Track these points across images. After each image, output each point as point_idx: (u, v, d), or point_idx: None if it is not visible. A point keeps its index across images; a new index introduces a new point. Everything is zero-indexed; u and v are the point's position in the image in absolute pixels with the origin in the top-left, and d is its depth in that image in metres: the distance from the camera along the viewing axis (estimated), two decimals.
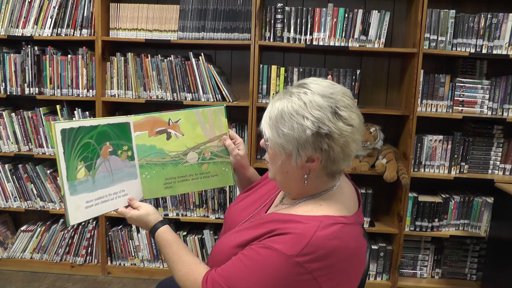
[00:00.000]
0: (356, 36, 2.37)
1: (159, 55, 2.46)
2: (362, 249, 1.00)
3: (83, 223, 2.67)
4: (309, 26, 2.38)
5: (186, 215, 2.57)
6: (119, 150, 1.21)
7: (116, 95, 2.51)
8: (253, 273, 0.91)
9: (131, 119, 1.24)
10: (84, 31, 2.46)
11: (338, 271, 0.91)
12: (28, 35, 2.48)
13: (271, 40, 2.41)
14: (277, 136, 0.96)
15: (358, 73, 2.42)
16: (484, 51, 2.34)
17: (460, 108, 2.43)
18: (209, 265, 1.05)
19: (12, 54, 2.51)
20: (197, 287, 0.99)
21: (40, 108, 2.54)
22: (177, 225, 2.68)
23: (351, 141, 0.95)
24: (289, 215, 1.00)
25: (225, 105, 1.30)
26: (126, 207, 1.21)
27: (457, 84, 2.42)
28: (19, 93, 2.53)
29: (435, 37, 2.34)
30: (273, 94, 1.14)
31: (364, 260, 1.03)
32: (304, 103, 0.94)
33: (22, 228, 2.71)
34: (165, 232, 1.13)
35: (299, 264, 0.88)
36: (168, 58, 2.45)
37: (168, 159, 1.27)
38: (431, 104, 2.43)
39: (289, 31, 2.40)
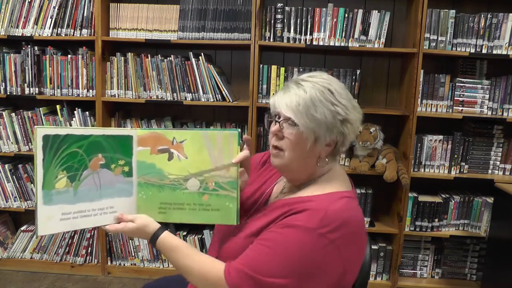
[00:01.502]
0: (356, 36, 2.37)
1: (159, 55, 2.46)
2: (363, 221, 1.08)
3: None
4: (309, 26, 2.38)
5: None
6: (113, 164, 1.11)
7: (116, 95, 2.51)
8: (278, 254, 0.95)
9: (135, 132, 1.14)
10: (84, 31, 2.46)
11: (352, 240, 0.99)
12: (28, 35, 2.48)
13: (271, 40, 2.41)
14: (309, 121, 1.02)
15: (358, 73, 2.42)
16: (484, 51, 2.34)
17: (460, 108, 2.43)
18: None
19: (12, 54, 2.51)
20: (220, 282, 0.97)
21: (40, 108, 2.54)
22: (177, 225, 2.68)
23: (357, 128, 1.09)
24: (298, 197, 1.06)
25: (239, 131, 1.11)
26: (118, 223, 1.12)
27: (457, 84, 2.42)
28: (19, 93, 2.53)
29: (435, 37, 2.34)
30: (273, 94, 1.12)
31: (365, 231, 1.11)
32: (330, 92, 1.04)
33: (22, 228, 2.71)
34: (168, 237, 1.08)
35: (322, 235, 0.94)
36: (168, 58, 2.45)
37: (166, 181, 1.13)
38: (431, 104, 2.43)
39: (289, 31, 2.40)
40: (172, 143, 1.13)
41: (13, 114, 2.56)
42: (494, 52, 2.34)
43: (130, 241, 2.64)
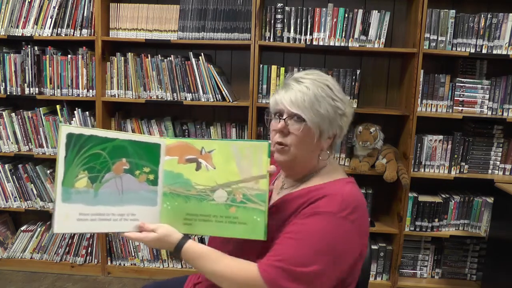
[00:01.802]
0: (356, 36, 2.37)
1: (159, 55, 2.46)
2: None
3: None
4: (309, 26, 2.38)
5: None
6: (137, 170, 1.09)
7: (116, 95, 2.51)
8: (307, 243, 0.98)
9: (164, 141, 1.12)
10: (84, 31, 2.46)
11: (365, 221, 1.08)
12: (28, 35, 2.48)
13: (271, 40, 2.41)
14: (314, 116, 1.07)
15: (358, 73, 2.42)
16: (484, 51, 2.34)
17: (460, 108, 2.43)
18: None
19: (12, 54, 2.51)
20: (257, 281, 0.98)
21: (40, 108, 2.54)
22: None
23: (350, 122, 1.17)
24: (308, 188, 1.11)
25: (269, 142, 1.07)
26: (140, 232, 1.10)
27: (457, 84, 2.42)
28: (19, 93, 2.53)
29: (435, 37, 2.34)
30: (273, 93, 1.12)
31: None
32: (329, 88, 1.10)
33: (22, 228, 2.71)
34: (193, 245, 1.06)
35: (344, 218, 1.00)
36: (168, 58, 2.45)
37: (193, 192, 1.10)
38: (431, 104, 2.43)
39: (289, 31, 2.40)
40: (201, 152, 1.11)
41: (13, 114, 2.56)
42: (494, 52, 2.34)
43: (130, 241, 2.64)
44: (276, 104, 1.13)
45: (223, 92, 2.43)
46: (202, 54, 2.42)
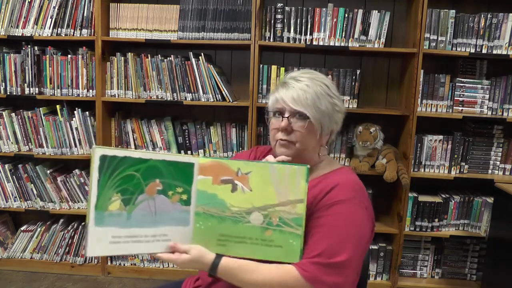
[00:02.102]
0: (356, 36, 2.37)
1: (159, 55, 2.46)
2: None
3: (83, 223, 2.67)
4: (309, 26, 2.38)
5: None
6: (170, 190, 1.07)
7: (116, 95, 2.51)
8: (336, 232, 1.04)
9: (198, 160, 1.11)
10: (84, 31, 2.46)
11: (371, 207, 1.14)
12: (28, 35, 2.48)
13: (271, 40, 2.41)
14: (316, 113, 1.12)
15: (358, 73, 2.42)
16: (484, 51, 2.34)
17: (460, 108, 2.43)
18: None
19: (12, 54, 2.51)
20: (299, 282, 1.01)
21: (40, 108, 2.54)
22: None
23: (343, 118, 1.23)
24: (314, 179, 1.16)
25: (307, 166, 1.07)
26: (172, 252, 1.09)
27: (457, 84, 2.42)
28: (19, 93, 2.53)
29: (435, 37, 2.34)
30: (271, 92, 1.13)
31: None
32: (327, 86, 1.16)
33: (22, 228, 2.71)
34: (228, 261, 1.06)
35: (360, 201, 1.09)
36: (168, 58, 2.45)
37: (228, 213, 1.08)
38: (431, 104, 2.43)
39: (289, 31, 2.40)
40: (237, 174, 1.09)
41: (13, 114, 2.56)
42: (494, 52, 2.34)
43: None
44: (276, 103, 1.16)
45: (223, 92, 2.43)
46: (202, 54, 2.42)
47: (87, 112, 2.53)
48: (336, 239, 1.03)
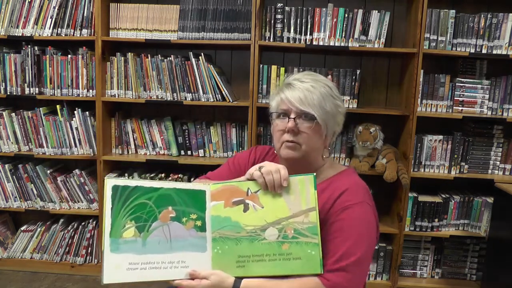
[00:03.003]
0: (356, 36, 2.37)
1: (159, 55, 2.46)
2: None
3: (83, 223, 2.67)
4: (309, 26, 2.38)
5: None
6: (184, 217, 1.10)
7: (116, 95, 2.51)
8: (351, 236, 1.06)
9: (209, 187, 1.13)
10: (84, 31, 2.46)
11: (375, 208, 1.17)
12: (28, 35, 2.48)
13: (271, 40, 2.41)
14: (323, 113, 1.13)
15: (358, 73, 2.42)
16: (484, 51, 2.34)
17: (460, 108, 2.43)
18: None
19: (12, 54, 2.51)
20: None
21: (40, 108, 2.54)
22: None
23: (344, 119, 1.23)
24: (324, 182, 1.18)
25: (314, 174, 1.10)
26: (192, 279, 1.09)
27: (457, 84, 2.42)
28: (19, 93, 2.53)
29: (435, 37, 2.34)
30: (272, 93, 1.11)
31: None
32: (329, 88, 1.17)
33: (22, 228, 2.71)
34: (248, 283, 1.07)
35: (368, 204, 1.13)
36: (168, 58, 2.45)
37: (243, 233, 1.09)
38: (431, 104, 2.43)
39: (289, 31, 2.40)
40: (247, 194, 1.11)
41: (13, 114, 2.56)
42: (494, 52, 2.34)
43: None
44: (281, 103, 1.16)
45: (223, 92, 2.43)
46: (202, 54, 2.42)
47: (87, 112, 2.53)
48: (352, 242, 1.06)
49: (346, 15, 2.35)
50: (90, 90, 2.50)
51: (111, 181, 1.06)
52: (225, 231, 1.10)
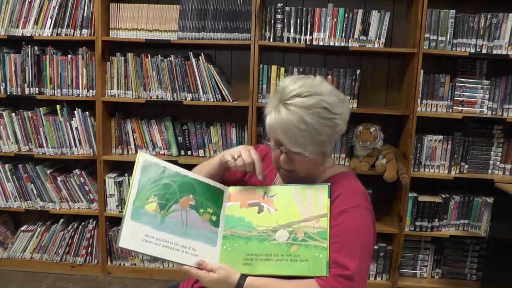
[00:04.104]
0: (356, 36, 2.37)
1: (159, 55, 2.46)
2: None
3: (83, 223, 2.67)
4: (309, 26, 2.38)
5: None
6: (202, 208, 1.15)
7: (116, 95, 2.51)
8: (349, 239, 1.05)
9: (227, 189, 1.21)
10: (84, 31, 2.46)
11: (373, 210, 1.16)
12: (28, 35, 2.48)
13: (271, 40, 2.41)
14: (316, 148, 1.08)
15: (358, 73, 2.42)
16: (484, 51, 2.34)
17: (460, 108, 2.43)
18: None
19: (12, 54, 2.51)
20: None
21: (40, 108, 2.54)
22: None
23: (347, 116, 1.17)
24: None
25: (329, 184, 1.13)
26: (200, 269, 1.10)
27: (457, 84, 2.42)
28: (19, 93, 2.53)
29: (435, 37, 2.34)
30: (264, 114, 1.10)
31: None
32: (326, 109, 1.06)
33: (22, 228, 2.71)
34: (253, 281, 1.07)
35: (365, 207, 1.11)
36: (168, 58, 2.45)
37: (254, 233, 1.12)
38: (431, 104, 2.43)
39: (289, 31, 2.40)
40: (263, 197, 1.17)
41: (13, 114, 2.56)
42: (494, 52, 2.34)
43: None
44: (273, 131, 1.11)
45: (223, 92, 2.43)
46: (202, 54, 2.42)
47: (87, 112, 2.53)
48: (350, 245, 1.05)
49: (346, 15, 2.35)
50: (90, 90, 2.51)
51: (143, 155, 1.12)
52: (237, 229, 1.14)
